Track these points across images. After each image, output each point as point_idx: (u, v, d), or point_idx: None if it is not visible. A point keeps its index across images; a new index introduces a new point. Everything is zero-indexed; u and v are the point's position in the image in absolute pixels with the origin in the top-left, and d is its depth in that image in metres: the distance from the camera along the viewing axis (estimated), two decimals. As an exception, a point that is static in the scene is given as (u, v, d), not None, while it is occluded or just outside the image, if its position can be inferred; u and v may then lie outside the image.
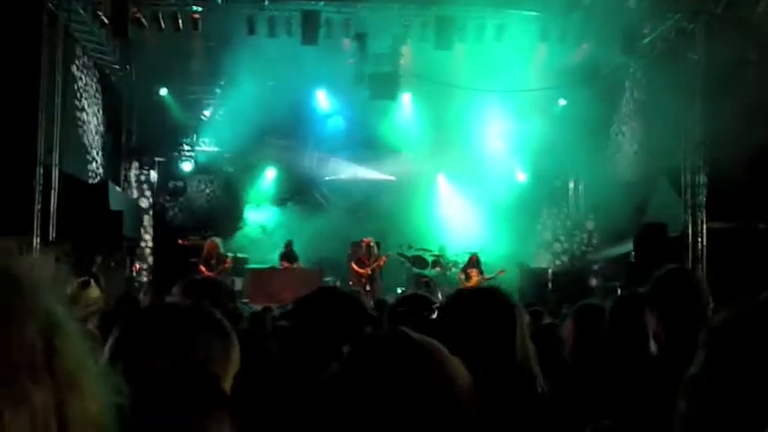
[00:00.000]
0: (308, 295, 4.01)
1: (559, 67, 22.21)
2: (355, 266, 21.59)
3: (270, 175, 26.19)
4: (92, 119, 22.20)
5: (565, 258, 26.01)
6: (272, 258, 22.42)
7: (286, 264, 21.98)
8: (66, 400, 1.07)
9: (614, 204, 21.43)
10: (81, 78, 21.18)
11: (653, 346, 4.62)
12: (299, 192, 25.92)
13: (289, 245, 22.37)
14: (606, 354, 4.57)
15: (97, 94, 22.69)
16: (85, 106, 21.60)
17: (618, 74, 22.72)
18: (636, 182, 21.82)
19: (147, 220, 25.27)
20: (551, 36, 20.41)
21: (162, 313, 2.84)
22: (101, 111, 23.03)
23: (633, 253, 18.94)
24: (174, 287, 4.35)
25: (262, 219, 25.29)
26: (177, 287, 4.33)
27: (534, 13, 20.05)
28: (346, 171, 26.74)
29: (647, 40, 20.58)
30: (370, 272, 21.35)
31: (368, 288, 20.70)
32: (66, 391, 1.07)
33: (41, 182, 17.96)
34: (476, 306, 3.67)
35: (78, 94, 20.91)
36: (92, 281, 8.24)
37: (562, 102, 24.42)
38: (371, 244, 21.72)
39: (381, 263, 21.69)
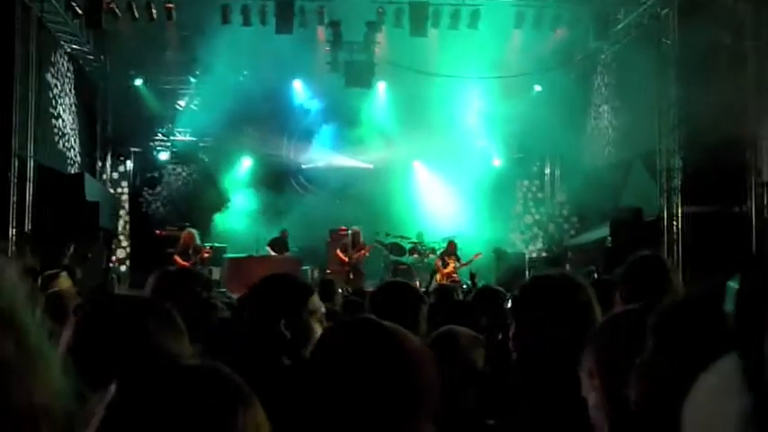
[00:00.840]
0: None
1: (534, 53, 22.27)
2: (340, 254, 21.55)
3: (246, 163, 26.15)
4: (67, 110, 22.11)
5: (542, 243, 26.07)
6: (252, 247, 22.39)
7: (272, 251, 22.00)
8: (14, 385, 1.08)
9: (590, 189, 21.49)
10: (55, 69, 21.08)
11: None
12: (275, 180, 25.87)
13: (283, 234, 22.39)
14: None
15: (72, 85, 22.59)
16: (60, 97, 21.50)
17: (592, 59, 22.79)
18: (611, 166, 21.88)
19: (123, 210, 25.23)
20: (526, 22, 20.46)
21: (115, 306, 2.87)
22: (76, 102, 22.93)
23: (609, 238, 19.00)
24: (148, 278, 4.36)
25: (239, 208, 25.23)
26: (151, 278, 4.34)
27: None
28: (323, 159, 26.74)
29: (620, 26, 20.64)
30: (353, 260, 21.32)
31: (351, 276, 20.72)
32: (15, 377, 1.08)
33: (16, 174, 17.90)
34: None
35: (52, 86, 20.81)
36: (64, 272, 8.21)
37: (537, 88, 24.49)
38: (358, 232, 21.69)
39: (365, 253, 21.65)
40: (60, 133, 21.48)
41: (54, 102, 20.94)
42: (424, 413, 2.12)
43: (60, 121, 21.50)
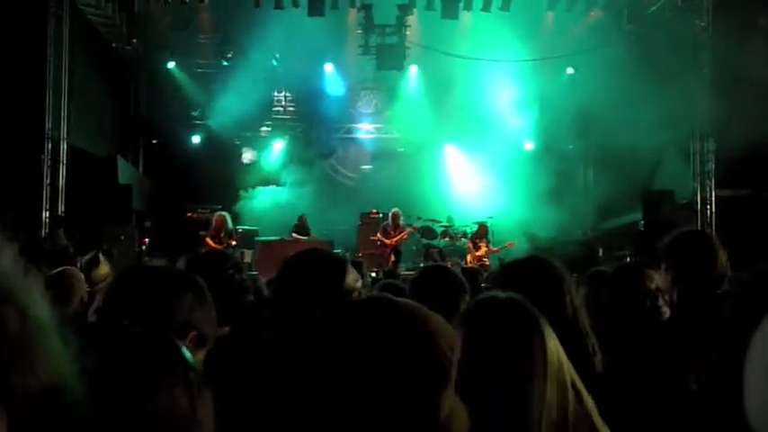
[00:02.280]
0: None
1: (568, 35, 22.17)
2: (381, 236, 21.45)
3: (278, 147, 26.18)
4: (99, 93, 22.22)
5: (574, 226, 25.98)
6: (283, 230, 22.41)
7: (297, 236, 21.98)
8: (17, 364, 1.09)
9: (623, 172, 21.38)
10: (88, 52, 21.16)
11: (665, 308, 4.64)
12: (307, 164, 25.86)
13: (301, 219, 22.33)
14: (606, 316, 4.56)
15: (105, 68, 22.69)
16: (93, 80, 21.60)
17: (626, 42, 22.64)
18: (644, 150, 21.77)
19: (155, 193, 25.32)
20: (559, 4, 20.35)
21: (140, 275, 2.87)
22: (108, 85, 23.04)
23: (642, 221, 18.91)
24: (178, 260, 4.37)
25: (271, 191, 25.25)
26: (182, 260, 4.35)
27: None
28: (354, 143, 26.73)
29: (654, 8, 20.50)
30: (395, 242, 21.26)
31: (392, 258, 20.70)
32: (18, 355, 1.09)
33: (50, 156, 18.02)
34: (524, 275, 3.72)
35: (86, 69, 20.90)
36: (100, 256, 8.24)
37: (570, 70, 24.37)
38: (397, 214, 21.61)
39: (406, 235, 21.58)
40: (93, 116, 21.58)
41: (87, 85, 21.03)
42: (447, 387, 2.14)
43: (93, 103, 21.60)
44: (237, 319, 4.37)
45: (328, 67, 25.46)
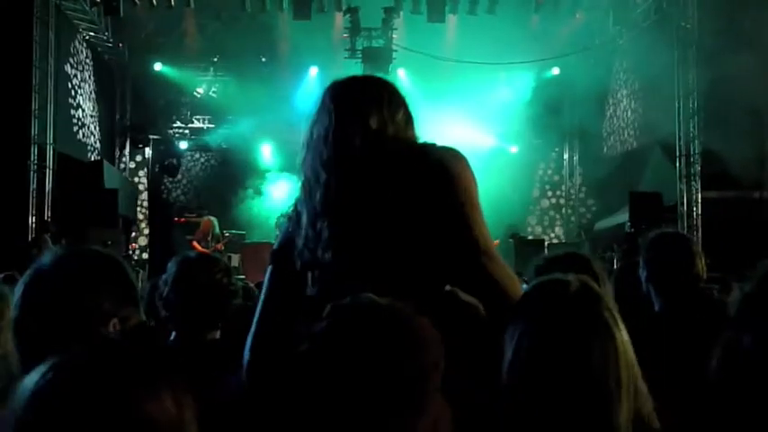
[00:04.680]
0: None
1: (553, 37, 22.20)
2: None
3: (266, 150, 26.17)
4: (85, 97, 22.19)
5: (559, 228, 26.05)
6: (272, 235, 22.38)
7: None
8: None
9: (609, 174, 21.46)
10: (74, 57, 21.15)
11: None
12: (294, 166, 25.82)
13: None
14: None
15: (90, 73, 22.67)
16: (79, 85, 21.58)
17: (611, 44, 22.71)
18: (630, 151, 21.84)
19: (142, 198, 25.30)
20: (544, 6, 20.40)
21: (49, 273, 2.80)
22: (94, 89, 23.00)
23: (629, 223, 18.95)
24: (168, 264, 4.37)
25: (260, 194, 25.23)
26: (171, 264, 4.35)
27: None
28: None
29: (639, 10, 20.56)
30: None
31: None
32: None
33: (36, 161, 17.99)
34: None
35: (71, 73, 20.88)
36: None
37: (555, 71, 24.42)
38: None
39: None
40: (79, 121, 21.56)
41: (73, 89, 21.02)
42: (433, 388, 2.15)
43: (79, 108, 21.59)
44: (227, 323, 4.38)
45: (313, 71, 25.45)
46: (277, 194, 24.84)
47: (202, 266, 4.33)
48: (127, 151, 25.82)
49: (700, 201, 18.58)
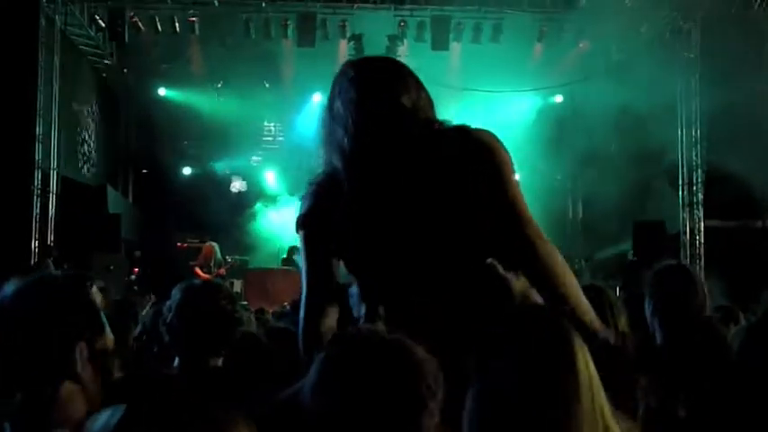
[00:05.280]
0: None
1: (556, 66, 22.24)
2: None
3: (270, 176, 26.20)
4: (89, 122, 22.23)
5: (565, 257, 26.02)
6: (275, 260, 22.37)
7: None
8: None
9: (611, 202, 21.44)
10: (78, 82, 21.20)
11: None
12: (298, 193, 25.82)
13: (291, 251, 22.25)
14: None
15: (95, 98, 22.72)
16: (83, 110, 21.63)
17: (614, 72, 22.72)
18: (632, 179, 21.84)
19: (145, 222, 25.29)
20: (548, 35, 20.43)
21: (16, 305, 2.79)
22: (99, 114, 23.05)
23: (632, 251, 18.93)
24: (173, 290, 4.37)
25: (264, 220, 25.23)
26: (176, 290, 4.35)
27: (531, 13, 20.06)
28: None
29: (643, 39, 20.59)
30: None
31: None
32: None
33: (40, 186, 18.01)
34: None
35: (76, 98, 20.93)
36: (94, 287, 8.21)
37: (558, 98, 24.47)
38: None
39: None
40: (83, 145, 21.59)
41: (77, 114, 21.06)
42: (429, 414, 2.17)
43: (83, 133, 21.62)
44: (231, 350, 4.38)
45: (316, 97, 25.50)
46: (280, 219, 24.87)
47: (207, 293, 4.33)
48: (130, 175, 25.85)
49: (702, 229, 18.58)
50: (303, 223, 3.48)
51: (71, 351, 2.63)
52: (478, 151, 3.38)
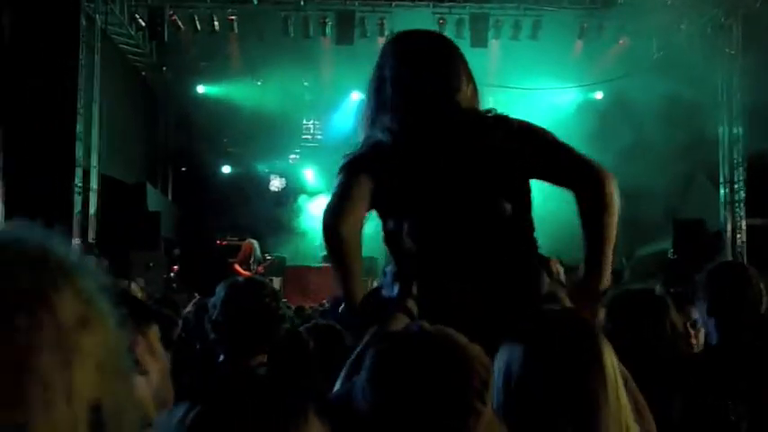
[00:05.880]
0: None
1: (596, 62, 22.14)
2: None
3: (309, 174, 26.27)
4: (130, 120, 22.36)
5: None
6: (315, 256, 22.42)
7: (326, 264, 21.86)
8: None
9: (651, 200, 21.30)
10: (119, 80, 21.32)
11: (696, 338, 4.70)
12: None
13: None
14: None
15: (135, 96, 22.86)
16: (123, 108, 21.75)
17: (655, 69, 22.58)
18: (672, 177, 21.69)
19: (184, 220, 25.40)
20: (588, 32, 20.33)
21: None
22: (138, 112, 23.19)
23: (672, 250, 18.80)
24: (217, 287, 4.38)
25: (303, 217, 25.28)
26: (220, 288, 4.35)
27: (571, 9, 19.97)
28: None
29: (684, 35, 20.44)
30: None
31: None
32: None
33: (80, 184, 18.12)
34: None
35: (116, 96, 21.04)
36: (134, 285, 8.29)
37: (599, 95, 24.33)
38: None
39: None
40: (123, 143, 21.72)
41: (117, 112, 21.17)
42: (482, 408, 2.15)
43: (123, 131, 21.75)
44: (275, 347, 4.37)
45: (355, 95, 25.52)
46: (319, 217, 24.88)
47: (251, 290, 4.33)
48: (170, 173, 25.98)
49: (744, 228, 18.42)
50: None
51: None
52: (522, 133, 3.51)
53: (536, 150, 3.48)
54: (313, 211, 25.22)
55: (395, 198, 3.39)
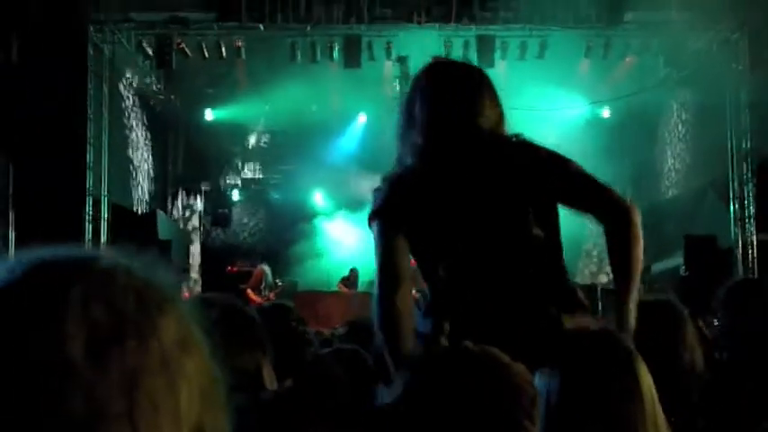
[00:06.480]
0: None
1: (603, 80, 22.14)
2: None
3: (318, 197, 26.30)
4: (139, 148, 22.42)
5: (609, 274, 25.76)
6: (327, 281, 22.42)
7: (344, 288, 21.80)
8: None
9: (661, 217, 21.27)
10: (127, 108, 21.40)
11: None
12: (347, 214, 25.91)
13: (352, 272, 22.12)
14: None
15: (143, 124, 22.91)
16: (132, 136, 21.82)
17: (662, 86, 22.58)
18: (682, 193, 21.67)
19: (194, 247, 25.41)
20: (594, 50, 20.34)
21: None
22: (147, 140, 23.24)
23: (683, 267, 18.75)
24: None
25: (313, 240, 25.30)
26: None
27: (577, 29, 19.98)
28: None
29: (690, 51, 20.44)
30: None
31: None
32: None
33: (91, 213, 18.16)
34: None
35: (125, 124, 21.12)
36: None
37: (606, 113, 24.30)
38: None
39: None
40: (133, 171, 21.77)
41: (126, 140, 21.25)
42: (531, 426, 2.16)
43: (133, 159, 21.81)
44: (301, 371, 4.38)
45: (362, 118, 25.56)
46: (329, 240, 24.94)
47: (278, 314, 4.35)
48: (179, 201, 26.01)
49: (755, 243, 18.38)
50: (378, 214, 3.58)
51: None
52: (547, 158, 3.69)
53: (561, 177, 3.64)
54: (323, 233, 25.29)
55: (426, 233, 3.50)
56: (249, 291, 19.32)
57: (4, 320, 1.02)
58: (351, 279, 21.99)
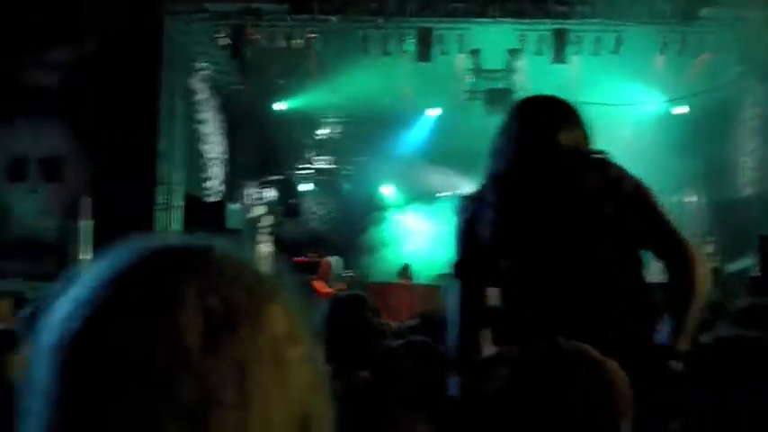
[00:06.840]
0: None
1: (678, 76, 21.89)
2: None
3: (387, 191, 26.31)
4: (210, 138, 22.56)
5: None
6: (395, 274, 22.43)
7: (404, 281, 21.85)
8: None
9: (734, 219, 21.02)
10: (200, 98, 21.54)
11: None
12: (416, 207, 25.91)
13: (404, 269, 22.17)
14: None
15: (215, 114, 23.04)
16: (204, 125, 21.97)
17: (737, 82, 22.27)
18: (756, 195, 21.38)
19: (264, 237, 25.51)
20: (670, 47, 20.11)
21: None
22: (219, 129, 23.37)
23: (758, 267, 18.50)
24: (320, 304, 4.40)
25: (383, 232, 25.33)
26: (323, 304, 4.38)
27: (653, 25, 19.77)
28: (463, 187, 26.55)
29: (766, 49, 20.16)
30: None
31: None
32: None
33: (162, 201, 18.33)
34: None
35: (197, 114, 21.26)
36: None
37: (681, 110, 23.99)
38: None
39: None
40: (204, 161, 21.92)
41: (198, 130, 21.39)
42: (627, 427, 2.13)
43: (204, 148, 21.96)
44: (376, 363, 4.37)
45: (433, 112, 25.50)
46: (399, 232, 24.96)
47: (352, 305, 4.35)
48: (250, 191, 26.13)
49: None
50: (460, 272, 3.74)
51: None
52: (631, 194, 3.74)
53: (636, 210, 3.70)
54: (393, 226, 25.31)
55: (501, 243, 3.59)
56: (316, 282, 19.37)
57: (125, 306, 1.05)
58: (405, 273, 21.99)
